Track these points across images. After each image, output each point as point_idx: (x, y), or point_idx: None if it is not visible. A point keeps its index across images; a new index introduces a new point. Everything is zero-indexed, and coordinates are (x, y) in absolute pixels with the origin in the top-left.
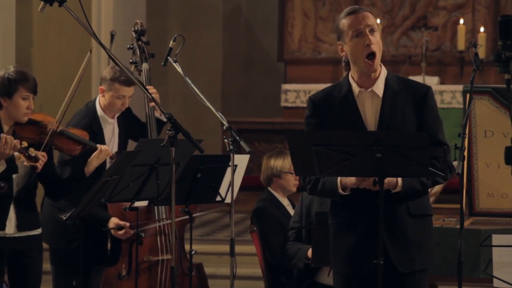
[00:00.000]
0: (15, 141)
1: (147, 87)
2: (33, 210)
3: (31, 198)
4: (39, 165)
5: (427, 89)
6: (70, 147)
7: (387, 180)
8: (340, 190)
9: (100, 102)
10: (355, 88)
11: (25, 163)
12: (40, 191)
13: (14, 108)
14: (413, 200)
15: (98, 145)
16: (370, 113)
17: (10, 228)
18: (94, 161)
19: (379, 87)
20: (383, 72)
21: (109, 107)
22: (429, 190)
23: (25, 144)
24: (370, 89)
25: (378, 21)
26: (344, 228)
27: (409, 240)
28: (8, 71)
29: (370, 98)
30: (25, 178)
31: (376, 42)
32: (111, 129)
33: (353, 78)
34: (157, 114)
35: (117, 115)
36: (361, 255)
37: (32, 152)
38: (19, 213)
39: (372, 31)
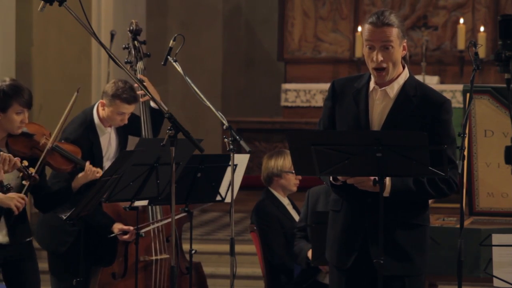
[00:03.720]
0: (15, 159)
1: (139, 76)
2: (24, 220)
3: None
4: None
5: (443, 102)
6: (61, 165)
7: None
8: (331, 179)
9: (99, 112)
10: (371, 84)
11: (24, 182)
12: None
13: (8, 122)
14: (408, 208)
15: (87, 165)
16: (377, 112)
17: (2, 238)
18: (81, 180)
19: (393, 89)
20: (403, 75)
21: (108, 120)
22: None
23: (25, 163)
24: (383, 88)
25: None
26: (336, 217)
27: (395, 245)
28: (3, 84)
29: (382, 97)
30: (17, 190)
31: (388, 57)
32: (107, 137)
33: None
34: (153, 105)
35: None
36: (344, 247)
37: (31, 171)
38: (10, 223)
39: (385, 48)
